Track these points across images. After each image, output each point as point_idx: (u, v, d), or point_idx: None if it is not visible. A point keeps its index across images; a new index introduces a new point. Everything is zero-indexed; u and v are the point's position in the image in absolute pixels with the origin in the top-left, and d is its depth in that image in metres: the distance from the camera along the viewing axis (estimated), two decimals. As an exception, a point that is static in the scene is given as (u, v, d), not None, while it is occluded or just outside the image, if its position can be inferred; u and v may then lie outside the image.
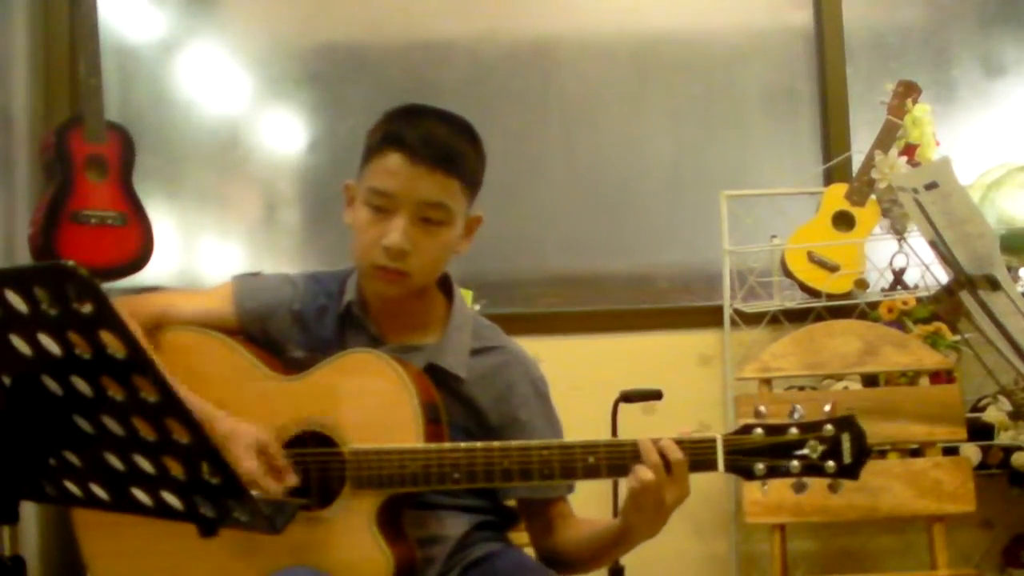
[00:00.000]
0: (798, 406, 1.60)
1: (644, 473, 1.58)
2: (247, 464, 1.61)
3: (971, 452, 2.85)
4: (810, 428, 1.58)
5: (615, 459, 1.62)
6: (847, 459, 1.57)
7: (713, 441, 1.60)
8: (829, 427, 1.57)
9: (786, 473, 1.58)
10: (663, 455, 1.58)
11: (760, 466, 1.58)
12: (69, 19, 3.23)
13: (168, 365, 1.71)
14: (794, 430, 1.58)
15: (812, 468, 1.57)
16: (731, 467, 1.59)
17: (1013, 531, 3.15)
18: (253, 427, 1.66)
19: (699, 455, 1.60)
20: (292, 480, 1.65)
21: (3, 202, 3.10)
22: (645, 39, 3.49)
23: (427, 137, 1.70)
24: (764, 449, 1.58)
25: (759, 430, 1.59)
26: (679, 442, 1.59)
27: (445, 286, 1.86)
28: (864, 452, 1.57)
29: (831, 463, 1.57)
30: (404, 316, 1.81)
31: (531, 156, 3.39)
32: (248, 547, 1.65)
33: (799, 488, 1.59)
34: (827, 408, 1.59)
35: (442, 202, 1.71)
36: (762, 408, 1.61)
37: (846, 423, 1.58)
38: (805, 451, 1.57)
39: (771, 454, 1.58)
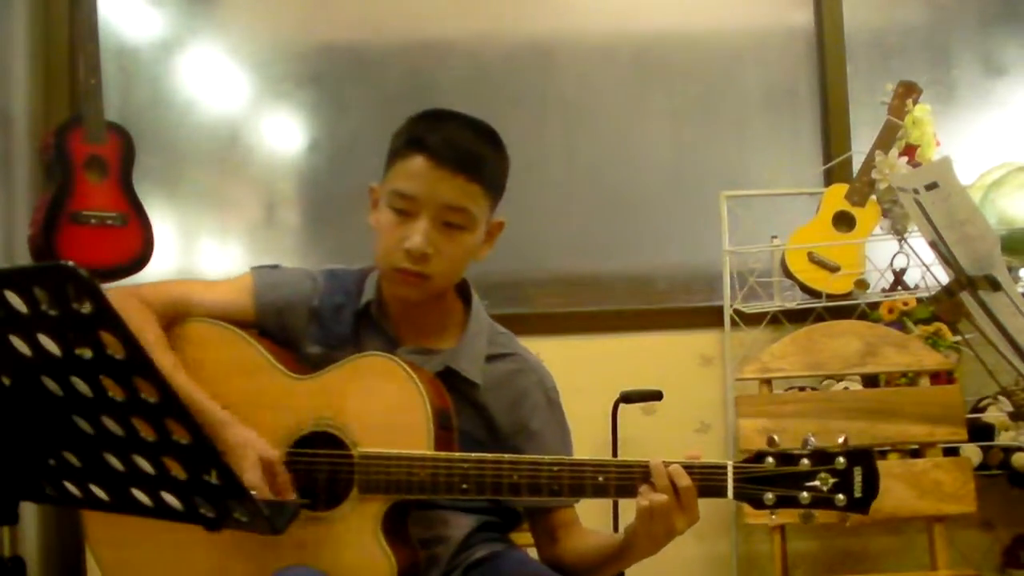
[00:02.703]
0: (811, 435, 1.58)
1: (656, 496, 1.56)
2: (250, 477, 1.61)
3: (971, 453, 2.85)
4: (822, 460, 1.56)
5: (625, 480, 1.60)
6: (858, 493, 1.55)
7: (724, 468, 1.58)
8: (841, 460, 1.55)
9: (795, 504, 1.56)
10: (672, 481, 1.57)
11: (769, 496, 1.56)
12: (69, 19, 3.22)
13: (183, 358, 1.73)
14: (806, 461, 1.56)
15: (822, 501, 1.55)
16: (740, 495, 1.57)
17: (1013, 532, 3.15)
18: (260, 440, 1.66)
19: (708, 481, 1.58)
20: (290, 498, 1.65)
21: (3, 202, 3.09)
22: (645, 40, 3.49)
23: (450, 141, 1.70)
24: (774, 479, 1.56)
25: (770, 459, 1.57)
26: (689, 468, 1.57)
27: (463, 292, 1.86)
28: (875, 487, 1.55)
29: (841, 496, 1.55)
30: (422, 320, 1.81)
31: (531, 156, 3.38)
32: (253, 542, 1.64)
33: (807, 518, 1.57)
34: (840, 440, 1.57)
35: (464, 206, 1.71)
36: (775, 436, 1.59)
37: (859, 456, 1.56)
38: (816, 483, 1.55)
39: (781, 484, 1.56)
